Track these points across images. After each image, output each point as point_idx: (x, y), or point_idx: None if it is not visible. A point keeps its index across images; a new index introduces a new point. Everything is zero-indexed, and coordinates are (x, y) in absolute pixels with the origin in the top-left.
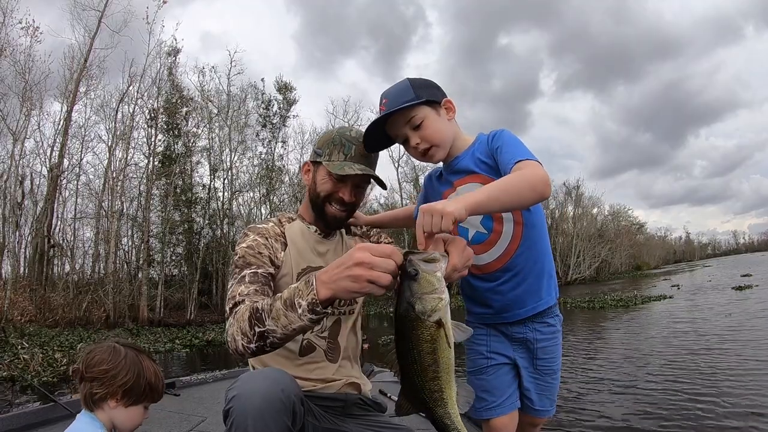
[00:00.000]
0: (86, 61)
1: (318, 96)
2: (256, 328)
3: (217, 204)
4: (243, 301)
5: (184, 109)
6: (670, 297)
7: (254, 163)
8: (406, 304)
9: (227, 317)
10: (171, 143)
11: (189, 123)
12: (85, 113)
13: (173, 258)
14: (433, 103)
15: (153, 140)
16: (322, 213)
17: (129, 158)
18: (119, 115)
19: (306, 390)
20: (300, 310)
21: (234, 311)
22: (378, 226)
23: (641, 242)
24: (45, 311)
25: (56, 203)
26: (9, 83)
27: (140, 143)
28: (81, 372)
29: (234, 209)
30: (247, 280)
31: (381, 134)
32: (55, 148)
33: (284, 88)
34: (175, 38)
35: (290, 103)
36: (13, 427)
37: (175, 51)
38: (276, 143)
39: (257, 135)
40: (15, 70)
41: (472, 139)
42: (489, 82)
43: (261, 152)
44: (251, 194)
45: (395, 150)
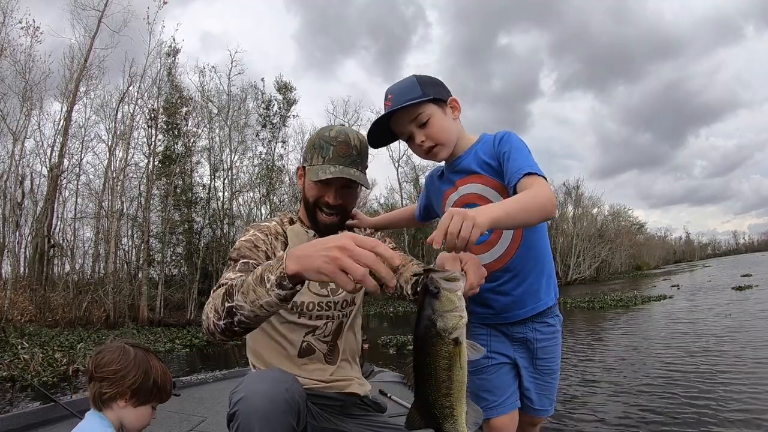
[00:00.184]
0: (86, 61)
1: (318, 96)
2: (226, 304)
3: (217, 204)
4: (226, 284)
5: (184, 109)
6: (670, 297)
7: (254, 163)
8: (428, 321)
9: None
10: (171, 143)
11: (189, 123)
12: (85, 113)
13: (173, 258)
14: (440, 102)
15: (153, 140)
16: (315, 219)
17: (129, 158)
18: (119, 115)
19: (305, 388)
20: (268, 285)
21: (214, 291)
22: (381, 228)
23: (641, 242)
24: (45, 311)
25: (56, 203)
26: (9, 83)
27: (140, 143)
28: (90, 372)
29: (234, 209)
30: (238, 269)
31: (385, 130)
32: (55, 148)
33: (284, 88)
34: (174, 39)
35: (290, 103)
36: (13, 427)
37: (175, 51)
38: (276, 143)
39: (257, 135)
40: (15, 70)
41: (476, 139)
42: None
43: (261, 152)
44: (251, 194)
45: (395, 150)
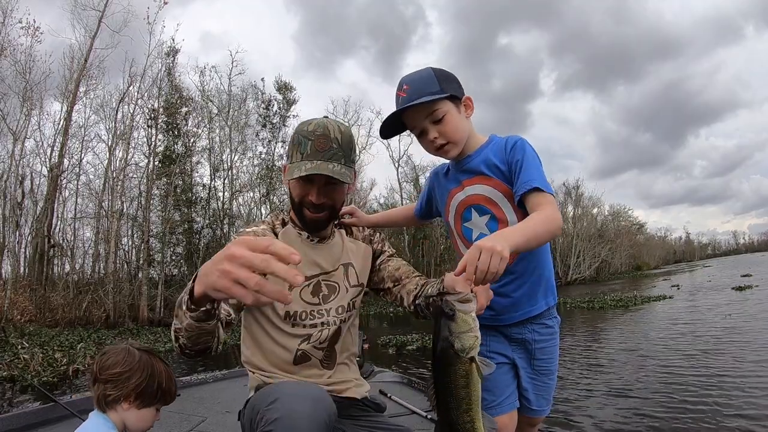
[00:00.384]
0: (86, 61)
1: (318, 96)
2: (173, 326)
3: (218, 204)
4: None
5: (184, 109)
6: (670, 297)
7: (254, 163)
8: (445, 342)
9: None
10: (171, 143)
11: (189, 123)
12: (85, 113)
13: (173, 258)
14: (455, 99)
15: (153, 140)
16: (302, 218)
17: (129, 158)
18: (119, 115)
19: None
20: (184, 307)
21: None
22: (380, 226)
23: (641, 242)
24: (45, 311)
25: (56, 203)
26: (9, 83)
27: (140, 143)
28: (95, 373)
29: (234, 209)
30: None
31: (395, 120)
32: (55, 148)
33: (284, 88)
34: (173, 39)
35: (290, 103)
36: (13, 427)
37: (175, 51)
38: (276, 143)
39: (257, 135)
40: (15, 70)
41: (485, 139)
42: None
43: (261, 152)
44: (251, 194)
45: (395, 150)
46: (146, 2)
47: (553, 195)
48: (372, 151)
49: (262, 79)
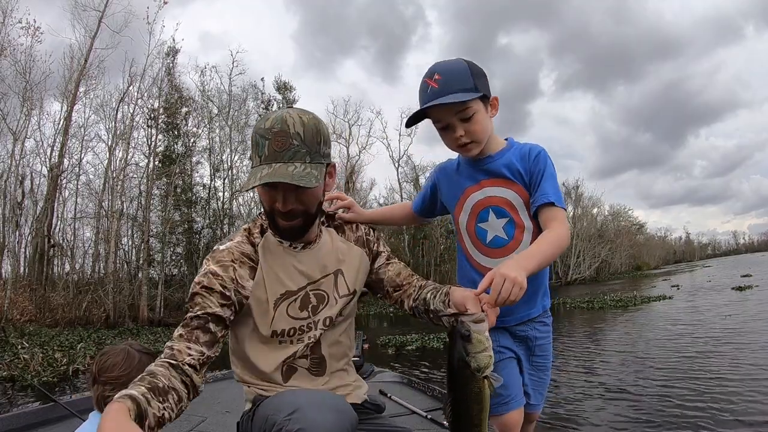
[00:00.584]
0: (86, 61)
1: (318, 96)
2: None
3: (218, 204)
4: (169, 347)
5: (184, 109)
6: (670, 297)
7: None
8: (462, 363)
9: None
10: (171, 143)
11: (189, 123)
12: (85, 113)
13: (173, 258)
14: (485, 98)
15: (153, 140)
16: (276, 227)
17: (129, 158)
18: (119, 115)
19: None
20: None
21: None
22: (377, 223)
23: (641, 242)
24: (45, 311)
25: (56, 203)
26: (9, 83)
27: (140, 143)
28: (94, 374)
29: (234, 209)
30: (181, 324)
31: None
32: (55, 148)
33: (283, 88)
34: (174, 39)
35: (290, 103)
36: (13, 427)
37: (174, 51)
38: None
39: None
40: (15, 70)
41: (503, 141)
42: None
43: None
44: (251, 194)
45: (395, 150)
46: (146, 2)
47: (565, 209)
48: (372, 151)
49: (262, 79)
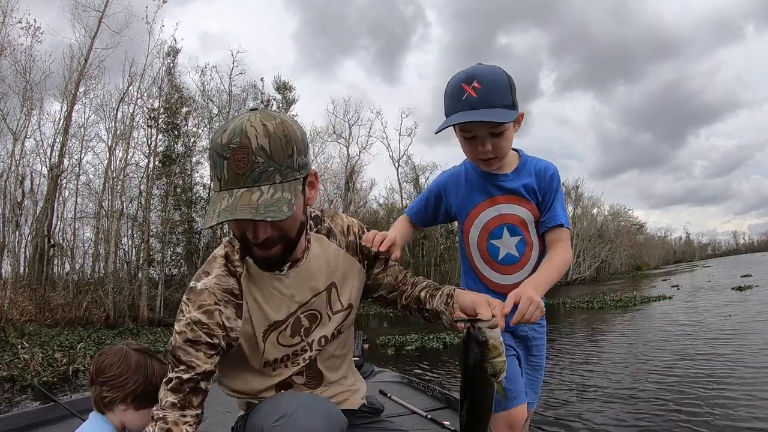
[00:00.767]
0: (86, 61)
1: (318, 96)
2: None
3: None
4: (162, 421)
5: (184, 109)
6: (670, 298)
7: None
8: (480, 369)
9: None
10: (171, 143)
11: (189, 123)
12: (85, 113)
13: (173, 258)
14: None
15: (153, 140)
16: (253, 257)
17: (129, 158)
18: (119, 115)
19: None
20: None
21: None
22: (407, 242)
23: (641, 242)
24: (45, 311)
25: (56, 203)
26: (9, 83)
27: (140, 143)
28: (92, 375)
29: None
30: (169, 387)
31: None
32: (55, 148)
33: (283, 88)
34: (175, 38)
35: (289, 103)
36: (13, 427)
37: (175, 51)
38: None
39: None
40: (15, 70)
41: (514, 153)
42: None
43: None
44: None
45: (395, 150)
46: (146, 1)
47: (569, 228)
48: (372, 151)
49: (262, 79)
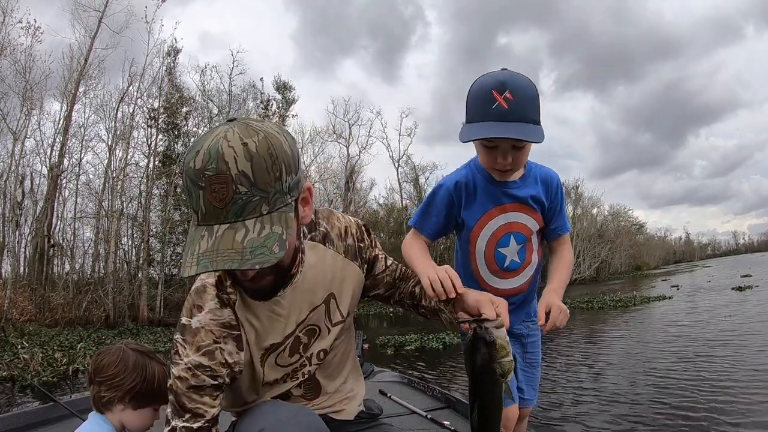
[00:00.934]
0: (86, 61)
1: (318, 96)
2: None
3: None
4: None
5: (184, 109)
6: (670, 298)
7: None
8: (488, 369)
9: None
10: (171, 143)
11: (189, 123)
12: (85, 113)
13: (173, 258)
14: None
15: (153, 140)
16: (243, 288)
17: (129, 158)
18: (119, 115)
19: None
20: None
21: None
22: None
23: (641, 242)
24: (45, 311)
25: (56, 203)
26: (9, 83)
27: (140, 143)
28: (90, 375)
29: None
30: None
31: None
32: (55, 148)
33: (283, 87)
34: (175, 38)
35: (289, 103)
36: (13, 427)
37: (175, 51)
38: None
39: None
40: (15, 70)
41: None
42: None
43: None
44: None
45: (395, 150)
46: (145, 1)
47: (569, 233)
48: (372, 151)
49: (261, 79)
